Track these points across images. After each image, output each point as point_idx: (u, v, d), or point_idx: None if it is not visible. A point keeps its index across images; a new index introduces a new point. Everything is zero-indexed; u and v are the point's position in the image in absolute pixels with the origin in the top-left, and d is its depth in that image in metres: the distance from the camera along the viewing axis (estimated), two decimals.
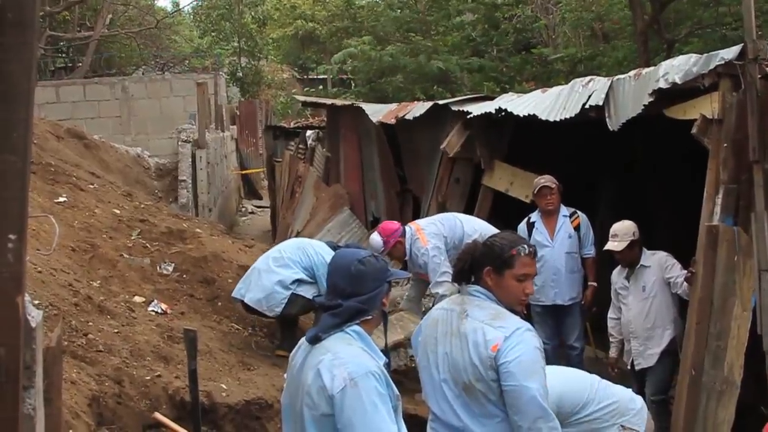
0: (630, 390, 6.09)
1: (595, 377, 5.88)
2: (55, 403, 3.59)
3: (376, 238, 9.22)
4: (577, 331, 9.66)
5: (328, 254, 8.44)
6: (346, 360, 3.83)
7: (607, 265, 9.16)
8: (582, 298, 9.77)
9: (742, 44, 7.50)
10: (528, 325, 4.57)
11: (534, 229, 9.75)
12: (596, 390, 5.68)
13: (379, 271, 4.04)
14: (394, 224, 9.31)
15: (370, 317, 4.01)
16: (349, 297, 4.00)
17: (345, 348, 3.89)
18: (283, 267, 8.50)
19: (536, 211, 9.84)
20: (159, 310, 8.43)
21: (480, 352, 4.39)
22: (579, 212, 9.85)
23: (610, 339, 9.12)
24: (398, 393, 4.00)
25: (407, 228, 9.29)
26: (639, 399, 5.96)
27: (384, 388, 3.85)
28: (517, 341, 4.38)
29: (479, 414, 4.43)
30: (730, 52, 7.59)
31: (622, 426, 5.65)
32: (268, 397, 7.07)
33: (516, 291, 4.54)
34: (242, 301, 8.65)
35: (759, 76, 7.40)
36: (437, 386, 4.56)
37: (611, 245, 8.61)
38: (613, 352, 9.09)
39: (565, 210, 9.78)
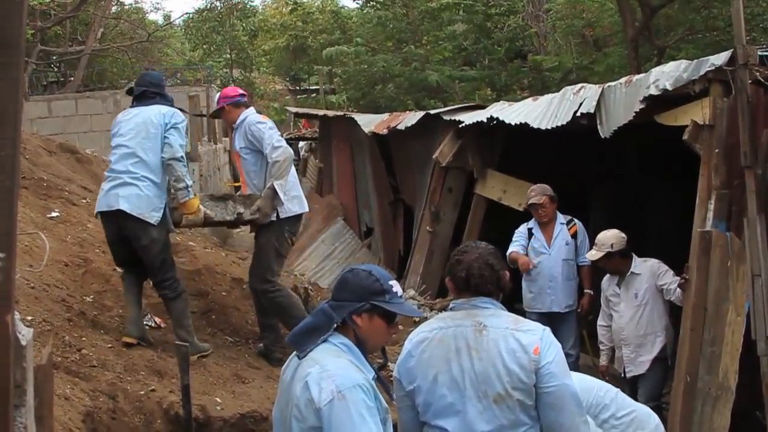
0: (648, 407, 6.06)
1: (612, 387, 5.85)
2: (47, 421, 3.57)
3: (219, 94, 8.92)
4: (572, 339, 9.66)
5: (167, 112, 7.85)
6: (333, 372, 3.82)
7: (602, 272, 9.17)
8: (578, 305, 9.79)
9: (732, 50, 7.52)
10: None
11: (532, 237, 9.78)
12: (614, 398, 5.65)
13: (362, 286, 4.01)
14: (237, 92, 8.73)
15: (336, 326, 3.98)
16: (331, 300, 4.07)
17: (333, 360, 3.88)
18: (148, 170, 7.69)
19: (533, 219, 9.86)
20: (153, 324, 8.40)
21: (519, 358, 4.32)
22: (576, 220, 9.88)
23: (600, 347, 9.14)
24: (387, 405, 3.99)
25: (252, 108, 8.72)
26: (655, 416, 5.92)
27: (372, 400, 3.84)
28: (549, 341, 4.40)
29: (507, 425, 4.35)
30: (720, 58, 7.61)
31: None
32: (263, 410, 7.02)
33: None
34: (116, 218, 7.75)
35: (749, 81, 7.42)
36: (449, 405, 4.43)
37: (589, 253, 8.74)
38: (603, 360, 9.11)
39: (561, 218, 9.81)
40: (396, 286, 4.09)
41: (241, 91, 8.79)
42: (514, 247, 9.71)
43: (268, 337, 8.50)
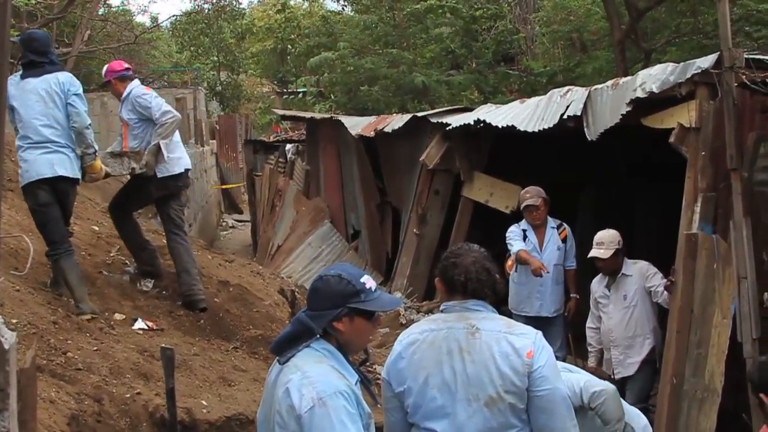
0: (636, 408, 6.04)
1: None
2: (30, 424, 3.55)
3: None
4: (559, 342, 9.65)
5: (65, 80, 8.33)
6: (314, 379, 3.80)
7: (589, 275, 9.18)
8: (565, 309, 9.78)
9: (719, 53, 7.54)
10: None
11: (525, 239, 9.72)
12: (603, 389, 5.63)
13: (334, 293, 3.97)
14: (123, 66, 9.36)
15: (318, 336, 3.96)
16: (307, 310, 4.03)
17: (314, 367, 3.87)
18: (64, 137, 8.24)
19: (524, 221, 9.82)
20: (145, 327, 8.36)
21: (512, 362, 4.31)
22: (565, 224, 9.87)
23: (589, 348, 9.13)
24: (370, 411, 3.98)
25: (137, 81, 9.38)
26: (644, 417, 5.90)
27: (353, 407, 3.83)
28: (542, 345, 4.40)
29: (497, 428, 4.35)
30: (706, 61, 7.63)
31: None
32: (249, 413, 6.98)
33: None
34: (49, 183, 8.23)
35: (735, 84, 7.44)
36: (439, 407, 4.42)
37: (597, 252, 8.62)
38: (592, 362, 9.10)
39: (551, 221, 9.79)
40: (369, 281, 4.05)
41: (126, 65, 9.43)
42: (520, 245, 9.67)
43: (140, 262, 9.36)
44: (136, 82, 9.28)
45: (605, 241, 8.61)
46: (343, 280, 4.00)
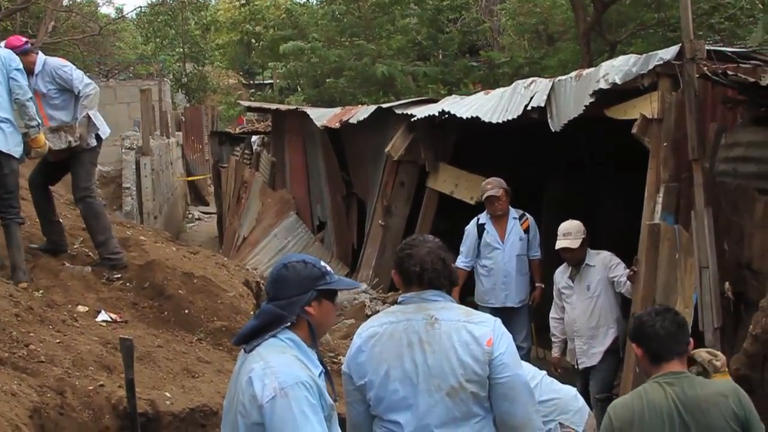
0: (574, 389, 6.11)
1: (541, 372, 5.89)
2: None
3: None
4: (524, 332, 9.69)
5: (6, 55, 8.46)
6: (277, 369, 3.81)
7: (553, 266, 9.21)
8: (530, 299, 9.81)
9: (680, 44, 7.59)
10: None
11: (484, 232, 9.73)
12: (538, 383, 5.67)
13: (303, 277, 4.00)
14: (22, 40, 9.17)
15: (289, 324, 3.98)
16: (272, 300, 4.04)
17: (278, 357, 3.87)
18: (5, 111, 8.36)
19: (485, 212, 9.82)
20: (109, 319, 8.31)
21: (472, 350, 4.32)
22: (527, 214, 9.87)
23: (553, 339, 9.16)
24: (332, 402, 4.00)
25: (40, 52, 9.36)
26: (581, 398, 5.98)
27: (315, 397, 3.84)
28: (501, 332, 4.41)
29: (460, 417, 4.35)
30: (668, 52, 7.69)
31: (560, 423, 5.66)
32: (213, 404, 6.96)
33: None
34: None
35: (697, 75, 7.49)
36: (401, 399, 4.42)
37: (566, 243, 8.61)
38: (555, 352, 9.14)
39: (514, 212, 9.78)
40: (328, 266, 4.12)
41: (25, 39, 9.32)
42: (462, 261, 9.71)
43: (103, 251, 9.23)
44: (41, 54, 9.29)
45: (572, 231, 8.63)
46: (308, 264, 4.05)
